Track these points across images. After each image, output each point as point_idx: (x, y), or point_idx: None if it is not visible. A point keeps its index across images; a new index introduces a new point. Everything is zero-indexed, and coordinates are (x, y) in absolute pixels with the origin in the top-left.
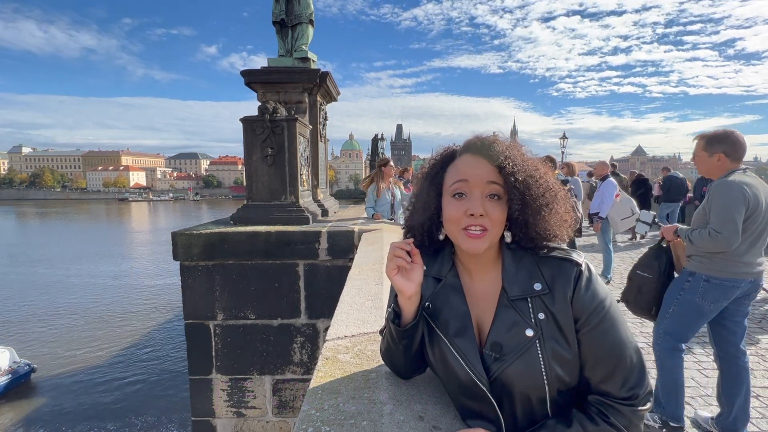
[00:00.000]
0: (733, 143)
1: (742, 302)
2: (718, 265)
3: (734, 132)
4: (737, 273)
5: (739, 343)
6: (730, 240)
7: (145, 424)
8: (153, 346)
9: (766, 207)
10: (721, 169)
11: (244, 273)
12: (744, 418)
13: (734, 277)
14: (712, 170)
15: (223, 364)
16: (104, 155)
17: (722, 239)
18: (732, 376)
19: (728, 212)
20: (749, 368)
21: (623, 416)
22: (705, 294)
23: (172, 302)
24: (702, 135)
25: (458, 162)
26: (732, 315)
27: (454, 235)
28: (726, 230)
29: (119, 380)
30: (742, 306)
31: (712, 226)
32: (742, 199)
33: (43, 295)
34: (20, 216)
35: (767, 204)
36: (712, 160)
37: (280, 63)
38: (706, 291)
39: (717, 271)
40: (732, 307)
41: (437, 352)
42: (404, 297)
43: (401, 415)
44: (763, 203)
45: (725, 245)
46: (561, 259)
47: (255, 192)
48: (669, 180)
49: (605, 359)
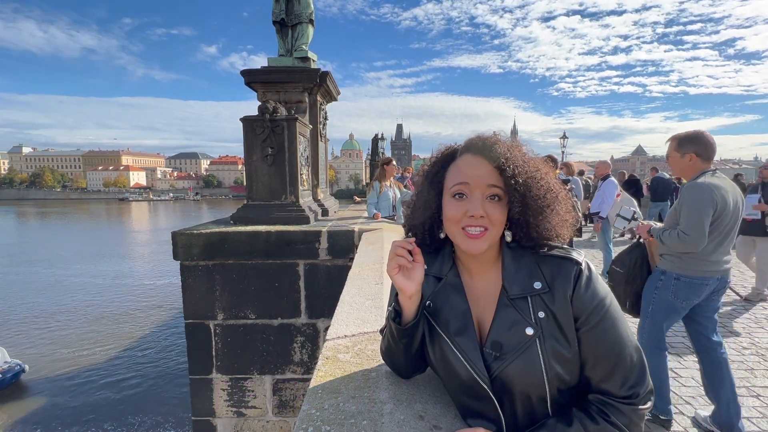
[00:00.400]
0: (703, 144)
1: (711, 298)
2: (687, 263)
3: (704, 133)
4: (706, 271)
5: (711, 335)
6: (698, 242)
7: (143, 424)
8: (153, 346)
9: (734, 208)
10: (693, 169)
11: (244, 273)
12: (736, 410)
13: (703, 275)
14: (684, 170)
15: (224, 364)
16: (104, 155)
17: (690, 241)
18: (711, 367)
19: (697, 215)
20: (728, 359)
21: (624, 415)
22: (677, 292)
23: (172, 302)
24: (674, 136)
25: (459, 162)
26: (703, 311)
27: (454, 235)
28: (693, 232)
29: (118, 380)
30: (712, 302)
31: (681, 228)
32: (711, 202)
33: (42, 295)
34: (20, 216)
35: (734, 205)
36: (684, 160)
37: (280, 63)
38: (678, 289)
39: (687, 270)
40: (703, 303)
41: (438, 351)
42: (405, 296)
43: (401, 414)
44: (730, 204)
45: (693, 247)
46: (561, 257)
47: (255, 192)
48: (656, 180)
49: (605, 358)
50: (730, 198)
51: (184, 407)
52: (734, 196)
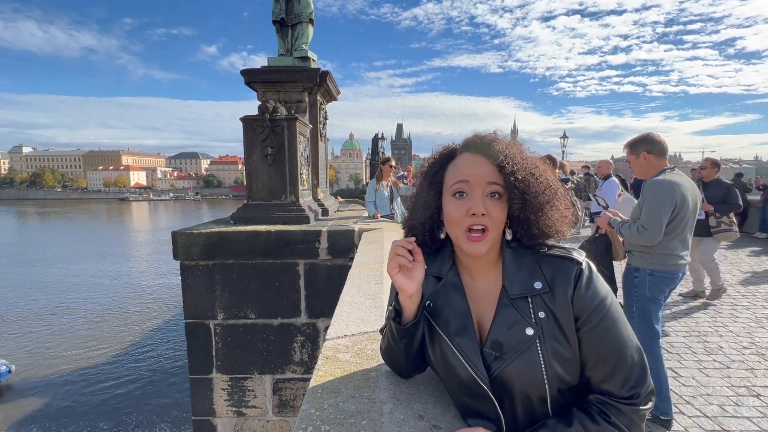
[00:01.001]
0: (651, 141)
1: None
2: (658, 259)
3: (651, 132)
4: (675, 265)
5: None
6: (654, 237)
7: (142, 424)
8: (153, 346)
9: (693, 205)
10: (650, 167)
11: (244, 272)
12: (664, 396)
13: (674, 269)
14: (643, 170)
15: (224, 364)
16: (105, 155)
17: (648, 235)
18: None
19: (656, 211)
20: (662, 351)
21: (624, 416)
22: (653, 288)
23: (172, 302)
24: (626, 143)
25: (458, 161)
26: None
27: (456, 236)
28: (652, 227)
29: (118, 380)
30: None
31: (640, 222)
32: (671, 200)
33: (41, 294)
34: (20, 216)
35: (693, 201)
36: (639, 160)
37: (280, 62)
38: (653, 284)
39: (660, 265)
40: None
41: (438, 351)
42: (405, 295)
43: (401, 414)
44: (689, 200)
45: (649, 240)
46: (561, 257)
47: (255, 191)
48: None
49: (606, 358)
50: (689, 195)
51: (183, 407)
52: (693, 193)
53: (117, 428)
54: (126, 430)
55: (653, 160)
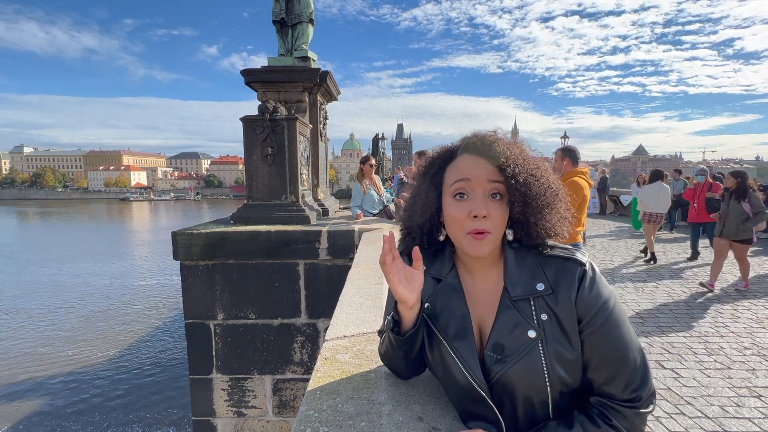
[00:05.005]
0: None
1: None
2: None
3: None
4: None
5: None
6: None
7: (142, 424)
8: (152, 346)
9: None
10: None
11: (244, 272)
12: None
13: None
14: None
15: (224, 364)
16: (105, 155)
17: None
18: None
19: None
20: None
21: (625, 418)
22: None
23: (172, 302)
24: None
25: (459, 161)
26: None
27: (458, 238)
28: None
29: (117, 380)
30: None
31: None
32: None
33: (41, 294)
34: (21, 216)
35: None
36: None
37: (281, 62)
38: None
39: None
40: None
41: (437, 355)
42: (406, 307)
43: (400, 415)
44: None
45: None
46: (564, 258)
47: (255, 191)
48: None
49: (609, 360)
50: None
51: (183, 407)
52: None
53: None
54: (126, 429)
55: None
